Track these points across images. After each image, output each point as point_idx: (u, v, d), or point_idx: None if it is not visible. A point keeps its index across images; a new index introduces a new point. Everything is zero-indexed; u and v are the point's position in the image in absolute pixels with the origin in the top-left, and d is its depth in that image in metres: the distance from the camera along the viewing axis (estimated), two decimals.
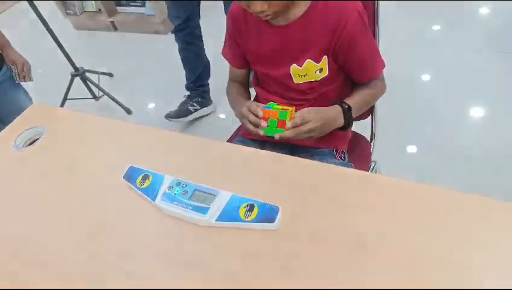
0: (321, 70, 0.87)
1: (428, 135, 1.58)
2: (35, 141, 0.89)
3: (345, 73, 0.91)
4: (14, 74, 1.37)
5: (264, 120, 0.80)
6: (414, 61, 1.92)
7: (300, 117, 0.79)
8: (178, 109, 1.95)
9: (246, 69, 1.03)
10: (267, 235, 0.58)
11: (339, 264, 0.53)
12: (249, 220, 0.59)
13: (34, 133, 0.90)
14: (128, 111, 2.19)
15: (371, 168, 1.09)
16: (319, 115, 0.81)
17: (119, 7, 2.97)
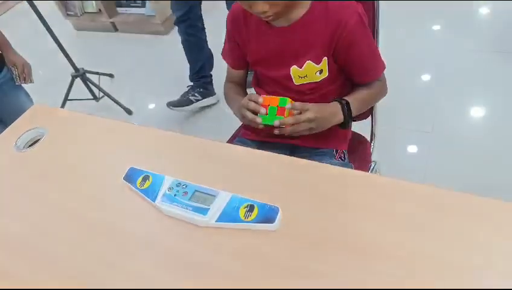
0: (321, 71, 0.87)
1: (428, 135, 1.58)
2: (36, 142, 0.89)
3: (345, 74, 0.91)
4: (14, 76, 1.38)
5: (263, 107, 0.81)
6: (414, 61, 1.92)
7: (300, 104, 0.81)
8: (180, 99, 1.96)
9: (244, 71, 1.03)
10: (267, 236, 0.58)
11: (339, 265, 0.53)
12: (249, 221, 0.59)
13: (35, 134, 0.91)
14: (128, 112, 2.19)
15: (371, 169, 1.09)
16: (319, 108, 0.83)
17: (119, 8, 2.98)
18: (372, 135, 1.13)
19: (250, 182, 0.67)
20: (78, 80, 2.16)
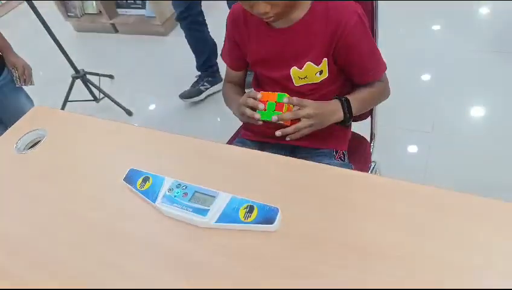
0: (321, 72, 0.87)
1: (428, 135, 1.58)
2: (37, 143, 0.89)
3: (346, 75, 0.91)
4: (15, 78, 1.38)
5: (262, 103, 0.81)
6: (414, 61, 1.92)
7: (299, 99, 0.81)
8: (190, 90, 2.09)
9: (243, 71, 1.03)
10: (267, 237, 0.58)
11: (339, 265, 0.53)
12: (249, 222, 0.59)
13: (36, 136, 0.91)
14: (128, 113, 2.19)
15: (371, 169, 1.09)
16: (318, 104, 0.83)
17: (119, 9, 2.98)
18: (372, 135, 1.13)
19: (250, 183, 0.67)
20: (78, 81, 2.17)
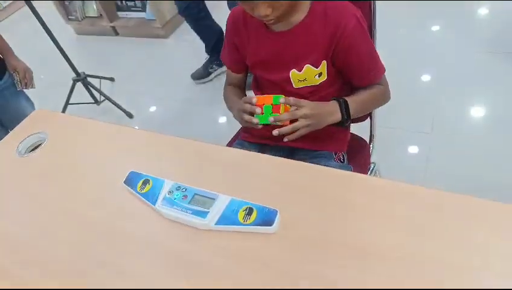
0: (320, 74, 0.87)
1: (428, 136, 1.58)
2: (38, 146, 0.90)
3: (344, 77, 0.91)
4: (16, 81, 1.39)
5: (259, 107, 0.81)
6: (414, 62, 1.92)
7: (295, 99, 0.80)
8: (200, 71, 2.23)
9: (243, 73, 1.04)
10: (266, 238, 0.58)
11: (339, 267, 0.53)
12: (248, 224, 0.59)
13: (37, 139, 0.91)
14: (129, 115, 2.20)
15: (370, 170, 1.09)
16: (315, 105, 0.83)
17: (119, 12, 2.99)
18: (371, 136, 1.13)
19: (249, 185, 0.68)
20: (79, 84, 2.17)
